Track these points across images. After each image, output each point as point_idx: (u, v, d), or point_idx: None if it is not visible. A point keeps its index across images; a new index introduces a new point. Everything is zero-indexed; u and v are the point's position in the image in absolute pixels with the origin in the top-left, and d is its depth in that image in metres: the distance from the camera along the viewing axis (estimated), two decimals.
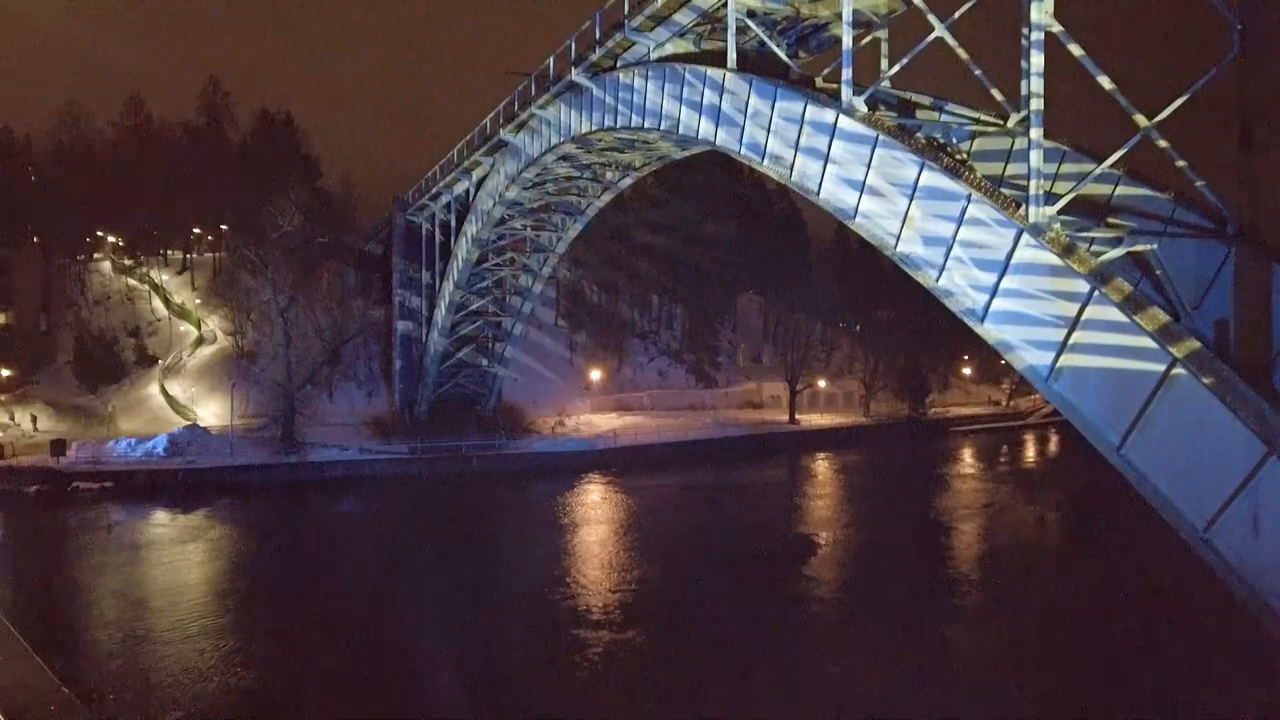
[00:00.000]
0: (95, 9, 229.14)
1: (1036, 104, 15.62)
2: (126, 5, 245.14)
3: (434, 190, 61.34)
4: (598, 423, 77.71)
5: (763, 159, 22.25)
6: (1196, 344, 13.03)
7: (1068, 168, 18.58)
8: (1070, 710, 25.40)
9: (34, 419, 68.18)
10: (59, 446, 57.61)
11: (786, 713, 24.49)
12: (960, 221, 16.56)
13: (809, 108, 20.40)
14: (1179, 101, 14.94)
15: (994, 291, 15.98)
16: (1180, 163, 16.19)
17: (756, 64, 24.50)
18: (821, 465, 72.73)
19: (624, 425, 76.47)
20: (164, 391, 74.44)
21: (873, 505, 56.36)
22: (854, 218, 19.20)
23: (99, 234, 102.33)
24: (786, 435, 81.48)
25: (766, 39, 23.59)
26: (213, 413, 68.69)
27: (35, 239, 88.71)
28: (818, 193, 20.22)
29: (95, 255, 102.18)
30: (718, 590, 36.25)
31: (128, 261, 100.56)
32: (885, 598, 35.05)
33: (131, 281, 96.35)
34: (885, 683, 26.21)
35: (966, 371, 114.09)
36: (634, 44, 30.25)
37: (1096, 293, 14.06)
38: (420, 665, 28.11)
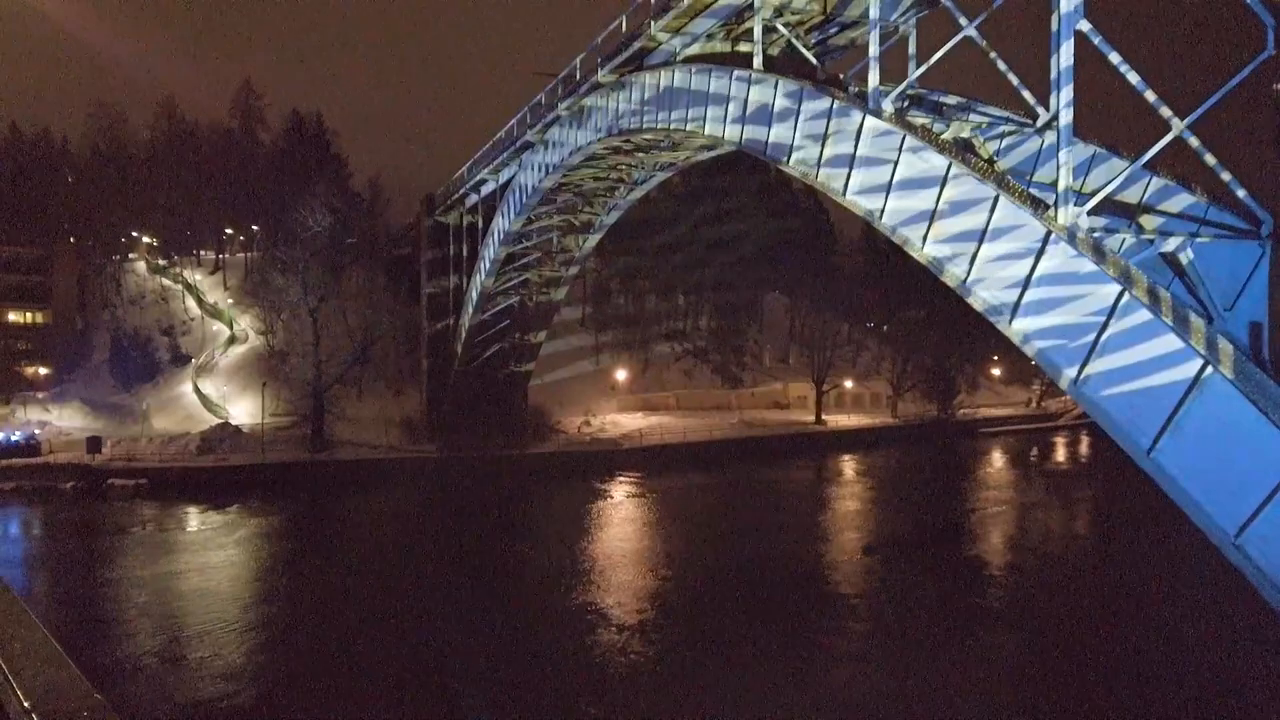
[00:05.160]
0: (129, 14, 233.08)
1: (1066, 104, 15.46)
2: (160, 10, 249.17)
3: (461, 191, 61.80)
4: (624, 422, 77.82)
5: (789, 160, 22.21)
6: (1229, 346, 12.87)
7: (1098, 168, 18.40)
8: None
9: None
10: (94, 444, 58.71)
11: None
12: (988, 222, 16.45)
13: (835, 108, 20.34)
14: (1211, 101, 14.73)
15: (1022, 293, 15.85)
16: (1213, 163, 15.97)
17: (783, 64, 24.48)
18: (848, 466, 72.35)
19: (650, 425, 76.52)
20: (197, 390, 75.61)
21: (898, 507, 55.96)
22: (881, 218, 19.12)
23: (134, 234, 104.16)
24: (813, 436, 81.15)
25: (793, 39, 23.55)
26: (244, 411, 69.67)
27: (72, 239, 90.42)
28: (844, 193, 20.15)
29: (130, 255, 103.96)
30: (739, 592, 36.20)
31: (162, 261, 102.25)
32: (909, 612, 34.81)
33: (165, 281, 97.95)
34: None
35: (996, 372, 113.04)
36: (660, 45, 30.32)
37: (1127, 294, 13.90)
38: (444, 663, 28.40)
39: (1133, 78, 15.28)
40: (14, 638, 3.67)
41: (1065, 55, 15.42)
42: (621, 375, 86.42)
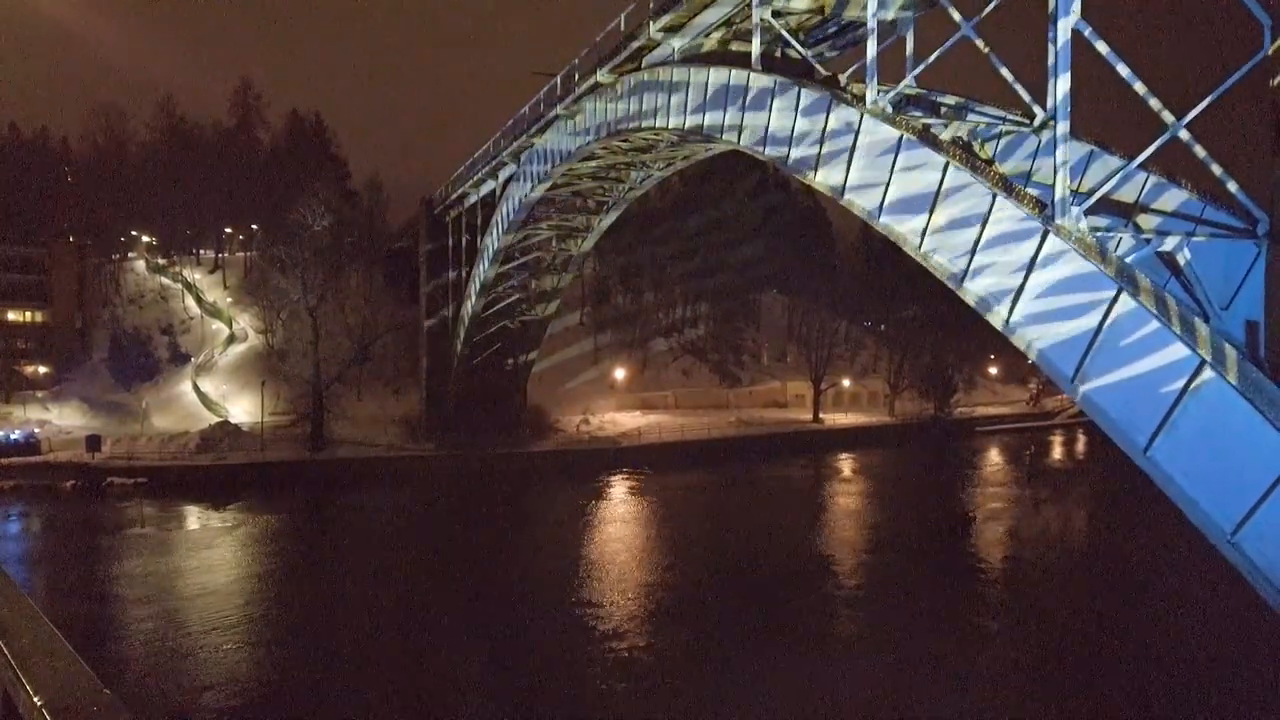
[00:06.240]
0: (129, 14, 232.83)
1: (1063, 103, 15.50)
2: (160, 10, 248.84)
3: (460, 191, 61.80)
4: (622, 421, 77.85)
5: (787, 159, 22.23)
6: (1225, 345, 12.92)
7: (1095, 167, 18.44)
8: None
9: None
10: (94, 442, 58.69)
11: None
12: (985, 221, 16.49)
13: (833, 108, 20.37)
14: (1208, 100, 14.77)
15: (1019, 292, 15.89)
16: (1210, 161, 15.99)
17: (781, 64, 24.51)
18: (846, 465, 72.45)
19: (648, 424, 76.56)
20: (196, 389, 75.58)
21: (896, 505, 56.03)
22: (878, 218, 19.15)
23: (133, 233, 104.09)
24: (810, 434, 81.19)
25: (791, 39, 23.57)
26: (244, 409, 69.64)
27: (71, 238, 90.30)
28: (842, 193, 20.18)
29: (129, 254, 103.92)
30: (741, 588, 36.25)
31: (161, 260, 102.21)
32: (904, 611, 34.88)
33: (165, 280, 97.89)
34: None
35: (993, 371, 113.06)
36: (659, 44, 30.33)
37: (1123, 293, 13.95)
38: (446, 661, 28.45)
39: (1129, 76, 15.31)
40: (22, 634, 3.72)
41: (1062, 55, 15.45)
42: (620, 374, 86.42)
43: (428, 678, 26.74)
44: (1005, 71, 18.73)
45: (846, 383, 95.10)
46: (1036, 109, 18.38)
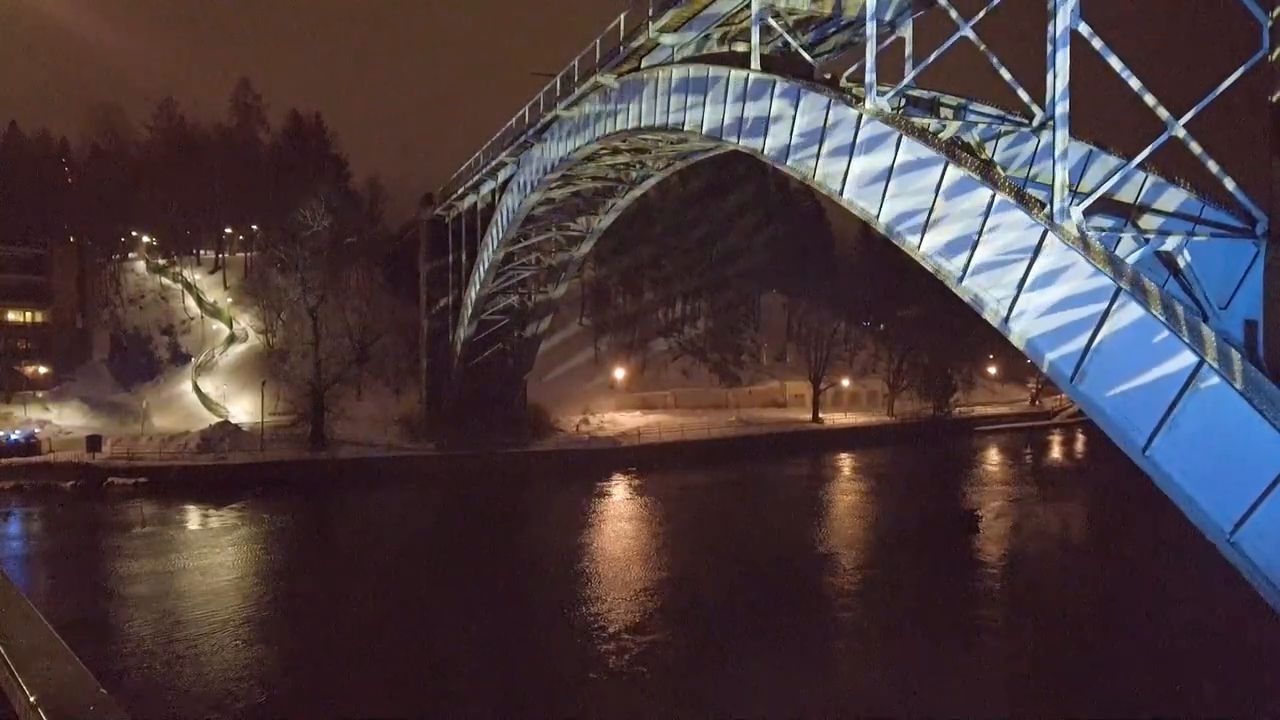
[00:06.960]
0: (129, 14, 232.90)
1: (1062, 103, 15.49)
2: (160, 10, 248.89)
3: (460, 191, 61.81)
4: (622, 421, 77.87)
5: (786, 159, 22.23)
6: (1224, 344, 12.93)
7: (1094, 167, 18.44)
8: None
9: None
10: (94, 442, 58.72)
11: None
12: (984, 221, 16.48)
13: (832, 107, 20.37)
14: (1207, 100, 14.76)
15: (1018, 292, 15.89)
16: (1208, 161, 15.98)
17: (780, 64, 24.49)
18: (845, 464, 72.47)
19: (648, 424, 76.58)
20: (197, 389, 75.61)
21: (894, 504, 56.01)
22: (878, 218, 19.15)
23: (133, 234, 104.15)
24: (810, 434, 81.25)
25: (790, 39, 23.58)
26: (244, 410, 69.66)
27: (71, 238, 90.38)
28: (841, 193, 20.17)
29: (130, 255, 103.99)
30: (741, 586, 36.25)
31: (161, 261, 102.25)
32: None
33: (165, 280, 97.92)
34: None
35: (992, 370, 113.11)
36: (658, 45, 30.33)
37: (1123, 293, 13.94)
38: (446, 662, 28.48)
39: (1128, 76, 15.29)
40: (20, 634, 3.73)
41: (1061, 55, 15.45)
42: (619, 374, 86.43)
43: (433, 672, 26.77)
44: (1004, 72, 18.73)
45: (846, 382, 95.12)
46: (1035, 109, 18.38)
